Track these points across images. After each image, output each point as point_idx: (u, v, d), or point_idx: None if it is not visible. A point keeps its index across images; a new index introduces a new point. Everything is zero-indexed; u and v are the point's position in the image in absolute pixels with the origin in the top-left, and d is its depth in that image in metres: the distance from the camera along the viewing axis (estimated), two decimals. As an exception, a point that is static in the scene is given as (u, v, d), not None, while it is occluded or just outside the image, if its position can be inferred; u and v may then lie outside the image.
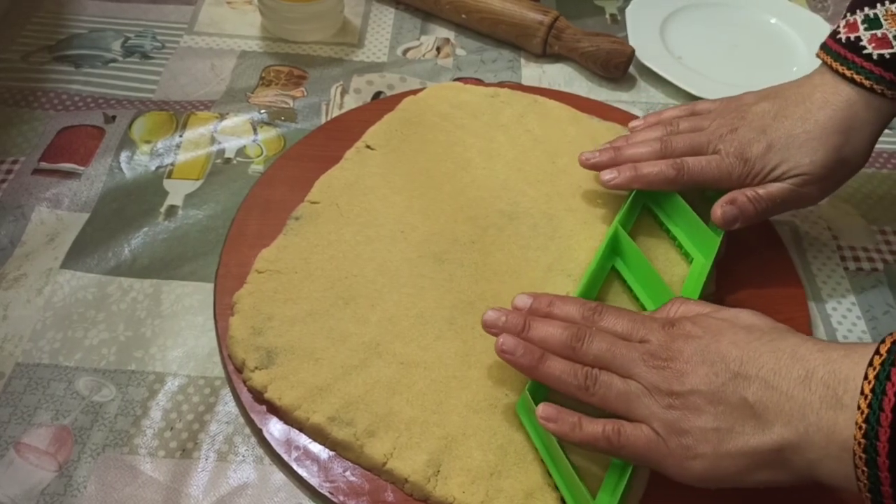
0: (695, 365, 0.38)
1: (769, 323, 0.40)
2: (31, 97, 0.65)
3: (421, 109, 0.63)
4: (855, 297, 0.56)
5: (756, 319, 0.40)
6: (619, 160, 0.53)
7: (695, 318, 0.41)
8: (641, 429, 0.38)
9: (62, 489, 0.42)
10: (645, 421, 0.38)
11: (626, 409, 0.39)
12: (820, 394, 0.34)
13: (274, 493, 0.43)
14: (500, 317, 0.43)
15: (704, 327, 0.39)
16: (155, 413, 0.46)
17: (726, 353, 0.38)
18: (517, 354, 0.41)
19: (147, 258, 0.54)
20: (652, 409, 0.38)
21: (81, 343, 0.49)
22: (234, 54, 0.72)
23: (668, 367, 0.38)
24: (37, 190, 0.58)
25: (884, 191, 0.64)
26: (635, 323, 0.41)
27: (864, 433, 0.32)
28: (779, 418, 0.35)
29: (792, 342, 0.37)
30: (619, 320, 0.42)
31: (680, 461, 0.37)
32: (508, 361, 0.42)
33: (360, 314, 0.48)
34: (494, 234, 0.53)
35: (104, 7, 0.76)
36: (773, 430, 0.35)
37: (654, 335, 0.40)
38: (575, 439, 0.39)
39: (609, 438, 0.38)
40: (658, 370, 0.39)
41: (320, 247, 0.51)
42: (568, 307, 0.43)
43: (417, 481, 0.41)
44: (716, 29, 0.79)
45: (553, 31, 0.73)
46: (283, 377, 0.44)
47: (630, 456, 0.39)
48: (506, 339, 0.41)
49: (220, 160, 0.61)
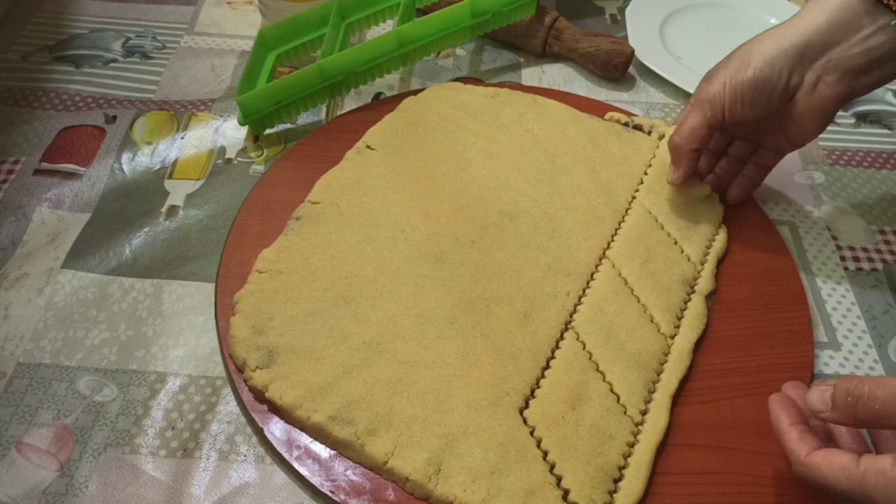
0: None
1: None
2: (32, 97, 0.65)
3: (421, 109, 0.63)
4: (855, 297, 0.56)
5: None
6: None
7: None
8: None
9: (64, 489, 0.42)
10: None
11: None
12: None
13: (275, 493, 0.43)
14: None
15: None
16: (156, 412, 0.46)
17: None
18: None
19: (148, 258, 0.54)
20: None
21: (83, 343, 0.49)
22: (235, 54, 0.72)
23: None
24: (38, 190, 0.58)
25: (884, 191, 0.64)
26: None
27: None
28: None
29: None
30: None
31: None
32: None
33: (360, 314, 0.48)
34: (494, 234, 0.54)
35: (104, 7, 0.77)
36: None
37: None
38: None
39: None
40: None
41: (321, 247, 0.52)
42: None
43: (418, 480, 0.41)
44: (716, 29, 0.79)
45: (553, 31, 0.73)
46: (284, 376, 0.45)
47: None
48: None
49: (221, 160, 0.61)
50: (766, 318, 0.52)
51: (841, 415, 0.37)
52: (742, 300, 0.53)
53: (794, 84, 0.49)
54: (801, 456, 0.38)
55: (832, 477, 0.36)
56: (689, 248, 0.54)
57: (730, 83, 0.49)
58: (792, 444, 0.39)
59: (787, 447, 0.40)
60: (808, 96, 0.49)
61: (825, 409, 0.37)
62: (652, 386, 0.47)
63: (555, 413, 0.44)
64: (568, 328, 0.49)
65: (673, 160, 0.55)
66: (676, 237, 0.54)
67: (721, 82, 0.50)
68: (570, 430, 0.43)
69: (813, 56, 0.48)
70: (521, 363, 0.46)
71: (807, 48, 0.48)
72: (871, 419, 0.36)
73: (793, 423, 0.40)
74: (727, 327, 0.51)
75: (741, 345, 0.50)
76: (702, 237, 0.55)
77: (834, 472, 0.36)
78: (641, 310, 0.50)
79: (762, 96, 0.49)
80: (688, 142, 0.52)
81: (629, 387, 0.46)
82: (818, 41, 0.48)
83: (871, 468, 0.35)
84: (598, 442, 0.43)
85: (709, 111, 0.51)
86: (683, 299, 0.51)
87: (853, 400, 0.36)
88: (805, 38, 0.48)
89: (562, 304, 0.50)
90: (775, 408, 0.41)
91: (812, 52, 0.48)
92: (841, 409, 0.37)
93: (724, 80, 0.49)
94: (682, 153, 0.53)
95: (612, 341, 0.48)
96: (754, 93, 0.49)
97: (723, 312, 0.52)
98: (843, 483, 0.36)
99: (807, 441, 0.39)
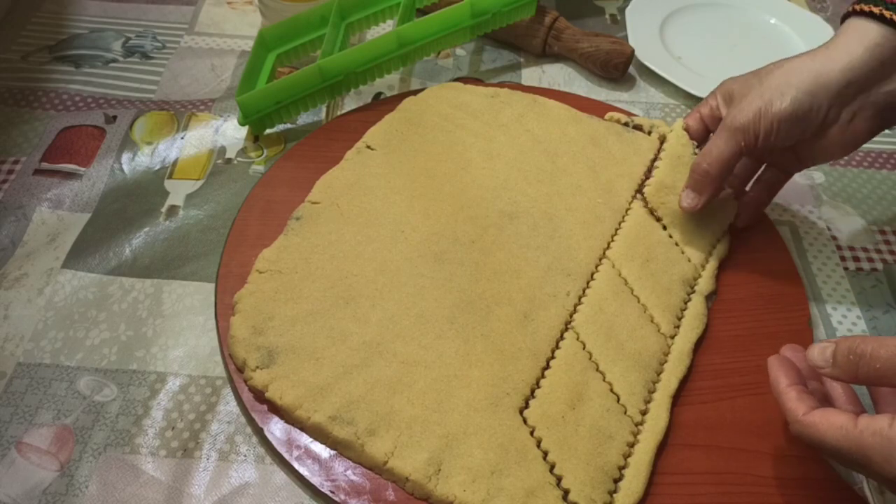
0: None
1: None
2: (32, 97, 0.65)
3: (421, 109, 0.63)
4: (855, 296, 0.56)
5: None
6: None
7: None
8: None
9: (64, 489, 0.42)
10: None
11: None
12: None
13: (275, 493, 0.43)
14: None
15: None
16: (156, 412, 0.46)
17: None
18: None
19: (148, 258, 0.54)
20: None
21: (83, 343, 0.49)
22: (235, 54, 0.72)
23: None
24: (38, 190, 0.58)
25: (884, 191, 0.64)
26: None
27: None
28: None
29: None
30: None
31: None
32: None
33: (360, 314, 0.48)
34: (494, 234, 0.54)
35: (104, 7, 0.77)
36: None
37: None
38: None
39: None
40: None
41: (321, 247, 0.52)
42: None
43: (418, 480, 0.41)
44: (715, 29, 0.79)
45: (553, 31, 0.73)
46: (284, 376, 0.45)
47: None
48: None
49: (221, 160, 0.61)
50: (766, 318, 0.52)
51: (841, 372, 0.37)
52: (742, 300, 0.53)
53: (831, 119, 0.48)
54: (798, 415, 0.39)
55: (829, 436, 0.37)
56: (689, 251, 0.54)
57: (765, 113, 0.47)
58: (790, 403, 0.40)
59: (784, 407, 0.40)
60: (842, 131, 0.48)
61: (826, 365, 0.38)
62: (652, 386, 0.47)
63: (555, 413, 0.44)
64: (568, 328, 0.49)
65: (695, 187, 0.52)
66: (678, 240, 0.54)
67: (755, 111, 0.48)
68: (570, 430, 0.43)
69: (853, 93, 0.47)
70: (521, 363, 0.46)
71: (849, 85, 0.47)
72: (871, 377, 0.36)
73: (791, 384, 0.40)
74: (727, 327, 0.51)
75: (741, 345, 0.50)
76: (706, 241, 0.54)
77: (831, 432, 0.37)
78: (641, 310, 0.50)
79: (798, 128, 0.48)
80: (717, 170, 0.50)
81: (629, 387, 0.46)
82: (859, 78, 0.47)
83: (869, 427, 0.35)
84: (598, 442, 0.43)
85: (742, 140, 0.49)
86: (683, 299, 0.51)
87: (855, 358, 0.36)
88: (848, 75, 0.46)
89: (562, 304, 0.50)
90: (774, 369, 0.42)
91: (853, 89, 0.47)
92: (842, 366, 0.37)
93: (758, 108, 0.48)
94: (709, 181, 0.51)
95: (612, 341, 0.48)
96: (791, 125, 0.48)
97: (723, 312, 0.52)
98: (840, 442, 0.36)
99: (805, 401, 0.39)
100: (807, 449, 0.45)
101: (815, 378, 0.43)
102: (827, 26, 0.78)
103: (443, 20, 0.66)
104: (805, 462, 0.44)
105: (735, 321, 0.52)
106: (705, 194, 0.52)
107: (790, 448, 0.45)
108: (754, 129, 0.48)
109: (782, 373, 0.41)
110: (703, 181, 0.51)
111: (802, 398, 0.39)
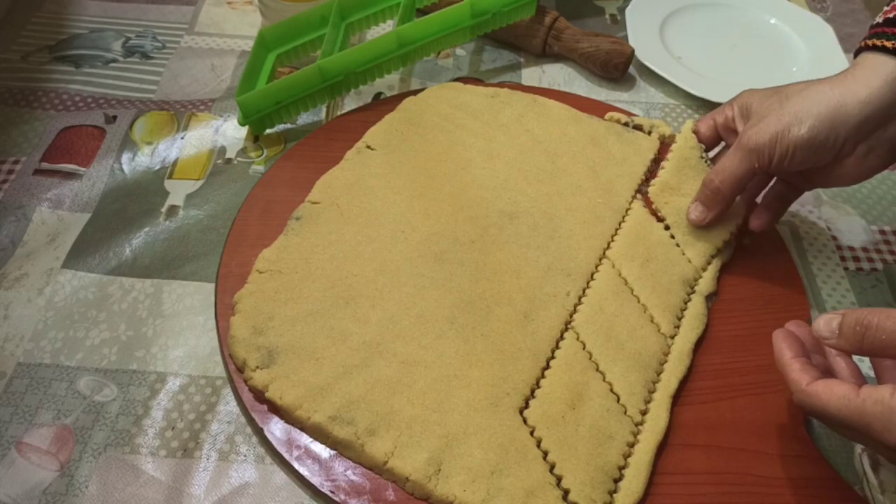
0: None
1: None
2: (32, 97, 0.65)
3: (421, 109, 0.63)
4: (855, 297, 0.56)
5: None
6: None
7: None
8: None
9: (64, 489, 0.42)
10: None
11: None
12: None
13: (275, 493, 0.43)
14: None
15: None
16: (156, 412, 0.46)
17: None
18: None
19: (148, 258, 0.54)
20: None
21: (83, 343, 0.49)
22: (235, 54, 0.72)
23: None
24: (38, 190, 0.58)
25: (884, 191, 0.64)
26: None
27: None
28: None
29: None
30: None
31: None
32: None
33: (360, 314, 0.48)
34: (495, 234, 0.54)
35: (104, 7, 0.77)
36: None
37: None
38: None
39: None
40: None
41: (321, 247, 0.52)
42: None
43: (418, 480, 0.41)
44: (715, 29, 0.79)
45: (553, 31, 0.73)
46: (284, 376, 0.45)
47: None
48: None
49: (221, 160, 0.61)
50: (766, 318, 0.52)
51: (847, 343, 0.38)
52: (742, 300, 0.53)
53: (847, 151, 0.48)
54: (802, 385, 0.39)
55: (832, 405, 0.37)
56: (691, 252, 0.53)
57: (783, 139, 0.48)
58: (794, 374, 0.40)
59: (788, 378, 0.41)
60: (857, 163, 0.48)
61: (831, 336, 0.39)
62: (652, 386, 0.47)
63: (555, 413, 0.44)
64: (568, 328, 0.49)
65: (705, 201, 0.53)
66: (681, 240, 0.54)
67: (772, 134, 0.48)
68: (570, 430, 0.43)
69: (872, 128, 0.47)
70: (521, 363, 0.46)
71: (868, 120, 0.47)
72: (876, 348, 0.37)
73: (795, 356, 0.41)
74: (727, 327, 0.51)
75: (741, 345, 0.50)
76: (709, 243, 0.54)
77: (834, 401, 0.37)
78: (641, 310, 0.50)
79: (813, 156, 0.48)
80: (729, 188, 0.51)
81: (629, 387, 0.46)
82: (878, 113, 0.47)
83: (871, 397, 0.36)
84: (598, 442, 0.43)
85: (756, 161, 0.49)
86: (683, 299, 0.51)
87: (861, 329, 0.37)
88: (867, 108, 0.46)
89: (562, 304, 0.50)
90: (779, 341, 0.42)
91: (871, 123, 0.47)
92: (848, 337, 0.38)
93: (776, 132, 0.48)
94: (720, 198, 0.52)
95: (612, 341, 0.48)
96: (807, 153, 0.48)
97: (723, 312, 0.52)
98: (842, 411, 0.37)
99: (808, 372, 0.40)
100: (807, 449, 0.45)
101: (820, 352, 0.44)
102: (827, 26, 0.78)
103: (443, 20, 0.66)
104: (805, 462, 0.44)
105: (735, 321, 0.52)
106: (714, 210, 0.52)
107: (790, 448, 0.45)
108: (769, 152, 0.48)
109: (786, 345, 0.42)
110: (714, 197, 0.52)
111: (806, 369, 0.40)
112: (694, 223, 0.54)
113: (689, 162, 0.55)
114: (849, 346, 0.38)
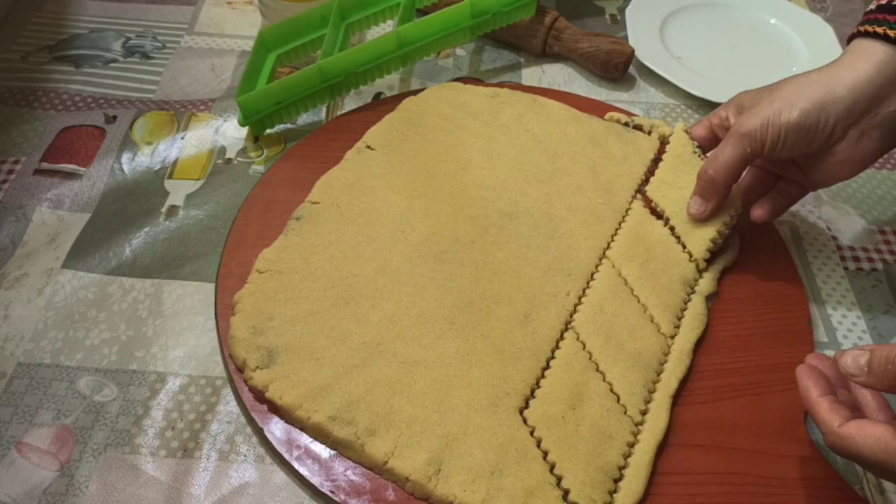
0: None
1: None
2: (32, 97, 0.65)
3: (421, 109, 0.63)
4: (855, 296, 0.56)
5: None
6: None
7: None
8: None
9: (64, 489, 0.42)
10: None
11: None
12: None
13: (275, 493, 0.43)
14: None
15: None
16: (156, 412, 0.46)
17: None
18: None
19: (148, 258, 0.54)
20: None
21: (83, 343, 0.49)
22: (235, 54, 0.72)
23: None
24: (38, 190, 0.58)
25: (884, 191, 0.64)
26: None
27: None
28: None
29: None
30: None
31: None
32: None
33: (360, 314, 0.48)
34: (495, 234, 0.54)
35: (104, 7, 0.77)
36: None
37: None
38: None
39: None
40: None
41: (321, 247, 0.52)
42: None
43: (418, 480, 0.41)
44: (715, 29, 0.79)
45: (553, 31, 0.73)
46: (284, 376, 0.45)
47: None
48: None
49: (221, 160, 0.61)
50: (766, 318, 0.52)
51: (877, 380, 0.37)
52: (742, 300, 0.53)
53: (838, 136, 0.48)
54: (833, 426, 0.38)
55: (867, 448, 0.37)
56: (691, 243, 0.53)
57: (774, 122, 0.48)
58: (823, 414, 0.39)
59: (818, 418, 0.40)
60: (850, 149, 0.48)
61: (860, 373, 0.38)
62: (652, 386, 0.47)
63: (555, 413, 0.44)
64: (568, 328, 0.49)
65: (702, 193, 0.52)
66: (681, 231, 0.54)
67: (763, 119, 0.48)
68: (570, 430, 0.43)
69: (861, 111, 0.47)
70: (521, 363, 0.46)
71: (857, 102, 0.47)
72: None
73: (822, 394, 0.40)
74: (727, 327, 0.51)
75: (741, 345, 0.50)
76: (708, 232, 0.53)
77: (869, 443, 0.36)
78: (641, 310, 0.50)
79: (805, 139, 0.48)
80: (724, 176, 0.51)
81: (629, 387, 0.46)
82: (868, 95, 0.47)
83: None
84: (598, 442, 0.43)
85: (748, 146, 0.49)
86: (683, 299, 0.51)
87: (893, 367, 0.36)
88: (856, 92, 0.47)
89: (562, 304, 0.50)
90: (804, 378, 0.41)
91: (861, 106, 0.47)
92: (878, 375, 0.37)
93: (766, 117, 0.48)
94: (715, 187, 0.51)
95: (612, 341, 0.48)
96: (797, 135, 0.48)
97: (723, 312, 0.52)
98: (879, 455, 0.36)
99: (838, 412, 0.39)
100: (807, 449, 0.45)
101: (844, 386, 0.43)
102: (827, 26, 0.78)
103: (443, 20, 0.66)
104: (805, 462, 0.44)
105: (735, 321, 0.52)
106: (712, 200, 0.52)
107: (790, 448, 0.45)
108: (761, 136, 0.48)
109: (812, 382, 0.41)
110: (709, 187, 0.52)
111: (835, 408, 0.39)
112: (694, 217, 0.53)
113: (682, 158, 0.56)
114: (880, 384, 0.37)
